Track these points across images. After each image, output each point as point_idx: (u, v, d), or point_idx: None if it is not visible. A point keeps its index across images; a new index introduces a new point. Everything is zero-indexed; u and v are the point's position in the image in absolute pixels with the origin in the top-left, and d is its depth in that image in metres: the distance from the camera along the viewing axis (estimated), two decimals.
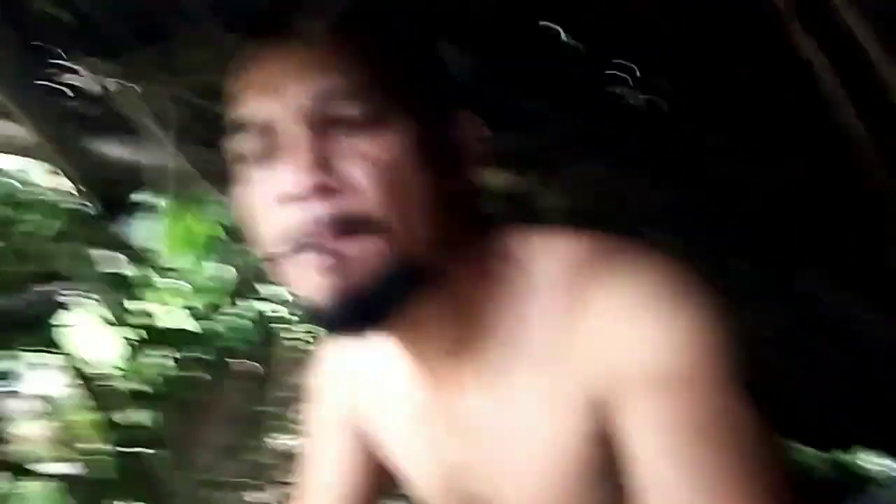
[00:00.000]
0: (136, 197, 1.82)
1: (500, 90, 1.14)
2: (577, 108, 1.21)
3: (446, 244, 0.63)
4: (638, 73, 1.25)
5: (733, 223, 1.25)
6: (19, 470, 1.89)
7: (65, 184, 1.77)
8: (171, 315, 1.92)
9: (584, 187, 1.43)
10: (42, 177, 1.99)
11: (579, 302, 0.61)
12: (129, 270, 1.96)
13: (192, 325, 1.98)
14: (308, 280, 0.59)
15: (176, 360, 1.91)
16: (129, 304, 1.94)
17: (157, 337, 1.89)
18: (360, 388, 0.80)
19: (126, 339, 1.93)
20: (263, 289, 2.15)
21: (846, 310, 1.24)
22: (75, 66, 1.45)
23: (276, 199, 0.58)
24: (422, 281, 0.61)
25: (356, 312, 0.59)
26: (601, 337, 0.59)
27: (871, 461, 1.98)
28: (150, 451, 1.91)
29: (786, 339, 1.19)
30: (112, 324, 1.92)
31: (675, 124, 1.19)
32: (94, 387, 1.94)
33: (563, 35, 1.16)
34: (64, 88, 1.49)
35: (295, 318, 2.15)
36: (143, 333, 1.89)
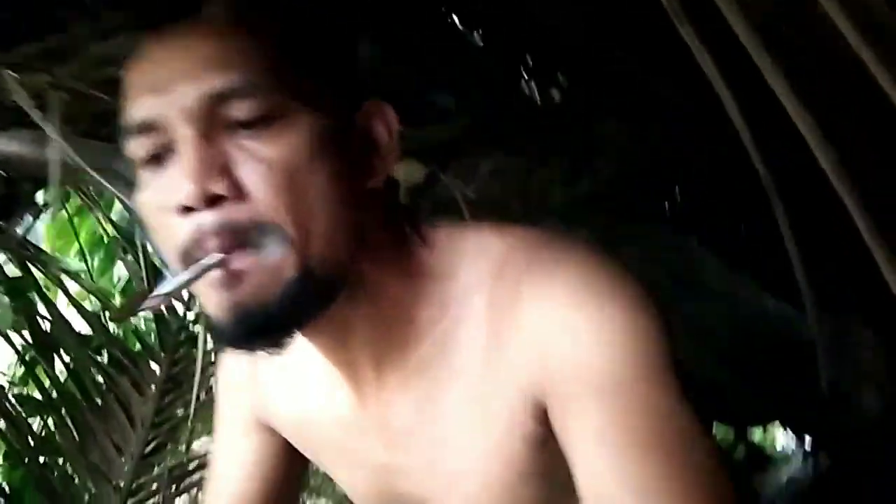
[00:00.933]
0: (30, 195, 1.72)
1: (406, 82, 1.12)
2: (481, 101, 1.21)
3: (362, 246, 0.59)
4: (532, 65, 1.27)
5: (631, 213, 1.27)
6: None
7: None
8: (64, 318, 1.81)
9: (490, 179, 1.43)
10: None
11: (509, 300, 0.59)
12: (19, 272, 1.85)
13: (85, 329, 1.87)
14: (204, 295, 0.55)
15: (67, 365, 1.81)
16: (19, 308, 1.82)
17: (48, 342, 1.78)
18: (273, 390, 0.76)
19: (14, 345, 1.83)
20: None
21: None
22: None
23: (166, 209, 0.54)
24: (334, 288, 0.58)
25: (253, 330, 0.55)
26: (534, 337, 0.57)
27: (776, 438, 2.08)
28: (49, 459, 1.81)
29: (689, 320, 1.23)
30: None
31: (571, 115, 1.21)
32: None
33: (458, 25, 1.16)
34: None
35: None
36: (32, 338, 1.78)
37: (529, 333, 0.57)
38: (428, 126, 1.31)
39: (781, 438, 1.95)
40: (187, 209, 0.53)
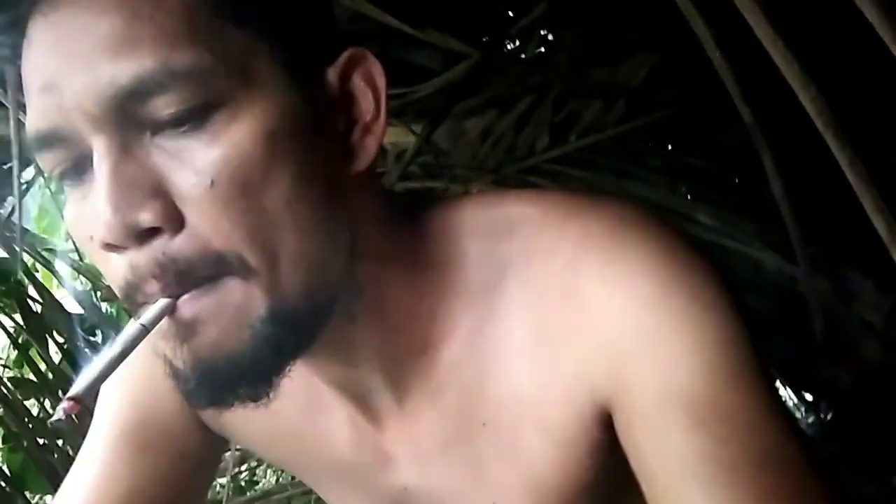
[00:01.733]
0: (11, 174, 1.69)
1: (383, 39, 1.08)
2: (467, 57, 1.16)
3: (353, 244, 0.47)
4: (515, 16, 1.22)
5: (620, 167, 1.24)
6: None
7: None
8: (53, 299, 1.80)
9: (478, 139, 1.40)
10: None
11: (561, 288, 0.48)
12: (5, 254, 1.82)
13: (75, 309, 1.85)
14: (158, 346, 0.44)
15: (61, 347, 1.79)
16: (8, 291, 1.80)
17: (38, 323, 1.77)
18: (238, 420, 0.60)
19: (6, 328, 1.81)
20: None
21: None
22: None
23: (93, 239, 0.42)
24: (320, 316, 0.46)
25: (223, 387, 0.44)
26: (602, 338, 0.46)
27: None
28: (48, 440, 1.80)
29: None
30: None
31: (557, 66, 1.17)
32: None
33: None
34: None
35: None
36: (23, 321, 1.76)
37: (595, 333, 0.47)
38: (410, 86, 1.27)
39: (781, 392, 1.94)
40: (111, 246, 0.41)
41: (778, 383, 1.89)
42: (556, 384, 0.49)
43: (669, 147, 1.36)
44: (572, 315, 0.48)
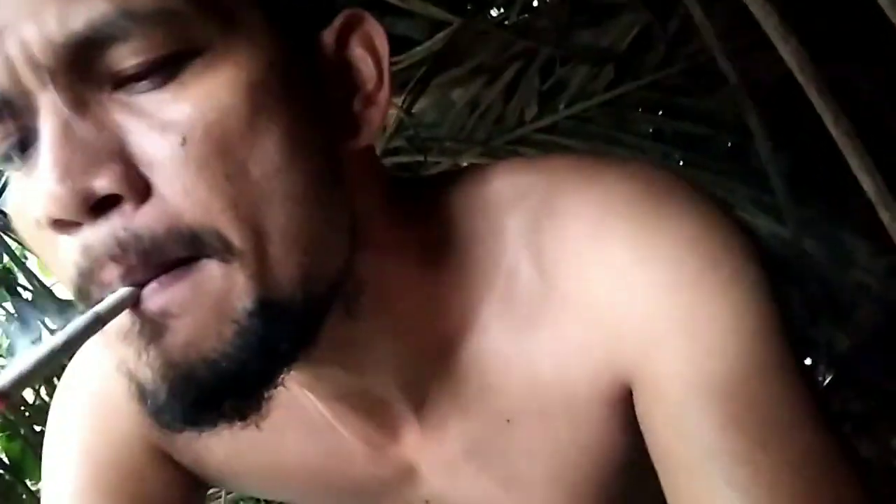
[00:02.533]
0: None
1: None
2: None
3: (354, 234, 0.40)
4: None
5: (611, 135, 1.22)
6: None
7: None
8: (43, 286, 1.78)
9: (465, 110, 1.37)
10: None
11: (577, 262, 0.43)
12: None
13: (66, 295, 1.84)
14: (117, 352, 0.36)
15: (52, 332, 1.78)
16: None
17: (29, 309, 1.75)
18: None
19: None
20: None
21: None
22: None
23: (39, 224, 0.34)
24: (319, 311, 0.38)
25: (200, 401, 0.35)
26: (622, 314, 0.42)
27: None
28: (45, 428, 1.81)
29: None
30: None
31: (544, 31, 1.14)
32: None
33: None
34: None
35: None
36: (14, 309, 1.75)
37: (626, 310, 0.42)
38: (393, 56, 1.24)
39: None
40: (61, 223, 0.33)
41: None
42: (581, 366, 0.44)
43: (660, 113, 1.33)
44: (599, 287, 0.42)
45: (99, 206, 0.33)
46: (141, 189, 0.33)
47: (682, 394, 0.40)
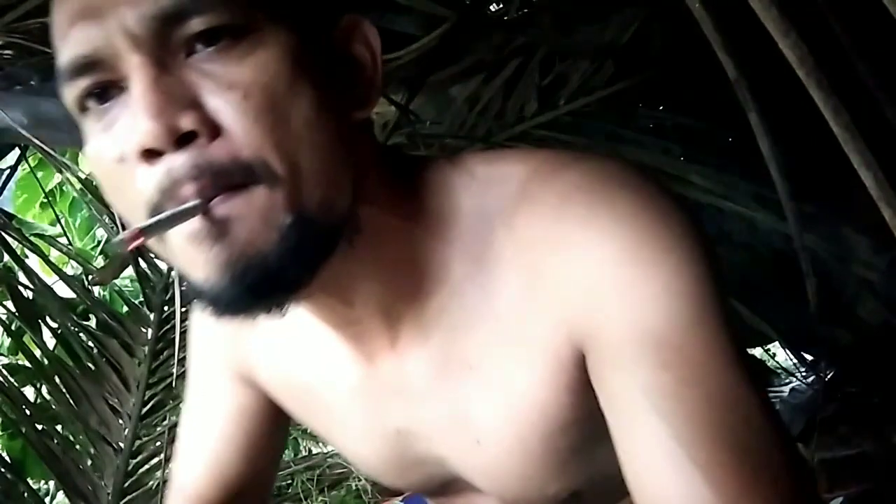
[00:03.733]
0: None
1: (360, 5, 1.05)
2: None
3: (355, 185, 0.51)
4: None
5: (612, 131, 1.21)
6: None
7: None
8: (44, 284, 1.78)
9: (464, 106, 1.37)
10: None
11: (546, 240, 0.51)
12: None
13: (67, 293, 1.84)
14: (183, 254, 0.47)
15: (55, 332, 1.78)
16: None
17: (30, 308, 1.75)
18: (257, 348, 0.69)
19: None
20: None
21: None
22: None
23: (123, 158, 0.45)
24: (334, 236, 0.49)
25: (252, 290, 0.46)
26: (580, 288, 0.50)
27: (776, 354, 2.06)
28: (47, 426, 1.80)
29: None
30: None
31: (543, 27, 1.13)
32: None
33: None
34: None
35: None
36: (15, 307, 1.75)
37: (577, 280, 0.50)
38: (391, 53, 1.24)
39: (781, 353, 1.93)
40: (150, 153, 0.44)
41: (777, 344, 1.88)
42: (540, 326, 0.53)
43: (661, 108, 1.32)
44: (556, 262, 0.51)
45: (182, 140, 0.44)
46: (212, 129, 0.44)
47: (624, 345, 0.48)
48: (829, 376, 1.52)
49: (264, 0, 0.46)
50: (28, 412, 1.76)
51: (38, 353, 1.79)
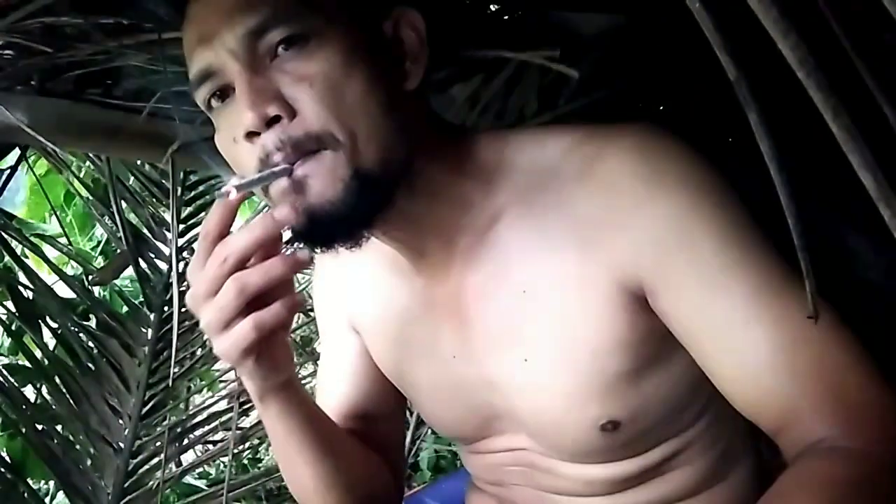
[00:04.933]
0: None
1: None
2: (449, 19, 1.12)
3: (410, 143, 0.64)
4: None
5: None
6: None
7: None
8: (44, 284, 1.78)
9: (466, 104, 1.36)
10: None
11: (619, 192, 0.62)
12: None
13: (67, 293, 1.83)
14: (279, 205, 0.62)
15: (55, 332, 1.78)
16: None
17: (30, 308, 1.75)
18: (353, 293, 0.84)
19: None
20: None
21: None
22: None
23: (235, 139, 0.63)
24: (391, 184, 0.63)
25: (328, 228, 0.62)
26: (642, 228, 0.62)
27: None
28: (47, 426, 1.80)
29: None
30: None
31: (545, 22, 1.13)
32: None
33: None
34: None
35: None
36: (15, 308, 1.74)
37: (642, 231, 0.62)
38: None
39: None
40: (251, 134, 0.61)
41: None
42: (596, 265, 0.63)
43: (661, 108, 1.32)
44: (623, 212, 0.62)
45: (270, 122, 0.61)
46: (291, 113, 0.61)
47: (694, 282, 0.61)
48: None
49: (324, 11, 0.62)
50: (28, 412, 1.76)
51: (38, 353, 1.79)
